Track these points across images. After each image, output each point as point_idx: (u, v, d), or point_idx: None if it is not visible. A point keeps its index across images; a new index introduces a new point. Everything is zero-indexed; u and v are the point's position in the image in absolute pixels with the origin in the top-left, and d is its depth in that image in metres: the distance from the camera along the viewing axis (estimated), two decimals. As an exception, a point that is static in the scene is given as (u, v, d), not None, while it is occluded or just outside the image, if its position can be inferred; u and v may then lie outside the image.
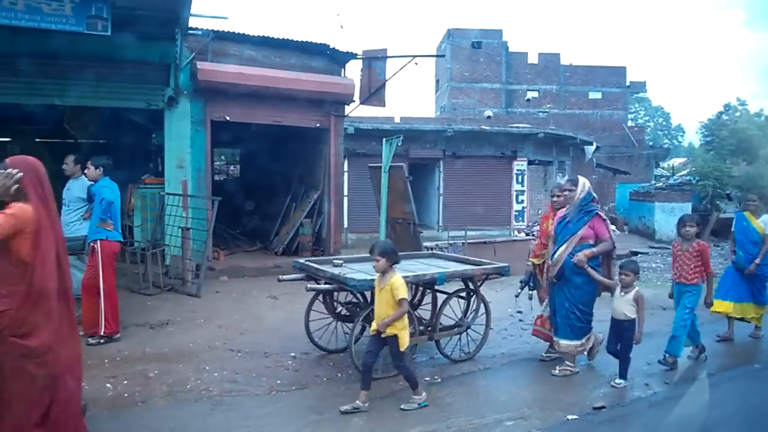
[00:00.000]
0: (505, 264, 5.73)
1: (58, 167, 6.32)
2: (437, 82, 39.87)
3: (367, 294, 5.16)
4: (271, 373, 5.07)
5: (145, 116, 10.70)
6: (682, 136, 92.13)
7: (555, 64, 36.33)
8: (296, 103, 9.77)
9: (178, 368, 5.12)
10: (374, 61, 9.81)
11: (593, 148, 25.80)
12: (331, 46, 10.08)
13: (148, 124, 11.50)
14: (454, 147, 20.29)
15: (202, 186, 9.36)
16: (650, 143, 55.09)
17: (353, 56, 10.37)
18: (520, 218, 20.86)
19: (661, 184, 29.30)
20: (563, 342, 5.15)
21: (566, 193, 5.36)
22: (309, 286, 5.03)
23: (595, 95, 36.34)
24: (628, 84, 36.86)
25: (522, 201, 20.98)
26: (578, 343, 5.14)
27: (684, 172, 34.18)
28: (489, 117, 23.94)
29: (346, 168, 19.62)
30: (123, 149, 12.29)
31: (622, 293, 5.00)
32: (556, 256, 5.15)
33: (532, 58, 36.36)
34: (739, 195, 27.52)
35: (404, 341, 4.21)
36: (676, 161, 56.03)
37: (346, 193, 19.66)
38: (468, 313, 5.65)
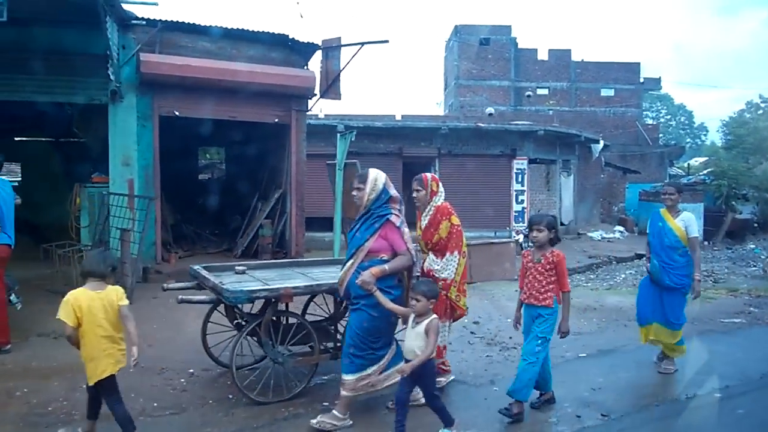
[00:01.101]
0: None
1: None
2: (446, 80, 39.13)
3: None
4: (154, 394, 4.50)
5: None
6: (705, 135, 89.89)
7: (566, 60, 35.30)
8: (252, 97, 9.23)
9: (52, 386, 4.58)
10: (331, 51, 9.23)
11: (600, 146, 24.83)
12: (291, 37, 9.50)
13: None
14: (450, 145, 19.61)
15: (151, 184, 8.87)
16: (672, 142, 53.46)
17: (317, 48, 9.79)
18: (521, 219, 20.07)
19: (679, 182, 28.20)
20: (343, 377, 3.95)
21: (354, 193, 4.22)
22: (180, 297, 4.47)
23: (607, 92, 35.24)
24: (642, 80, 35.68)
25: (522, 201, 20.20)
26: (350, 378, 3.89)
27: (704, 172, 32.90)
28: (491, 114, 23.19)
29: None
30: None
31: (414, 323, 3.73)
32: (341, 272, 4.11)
33: (542, 55, 35.40)
34: (756, 195, 26.39)
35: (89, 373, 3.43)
36: (698, 160, 54.49)
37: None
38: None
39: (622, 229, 24.92)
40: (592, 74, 35.26)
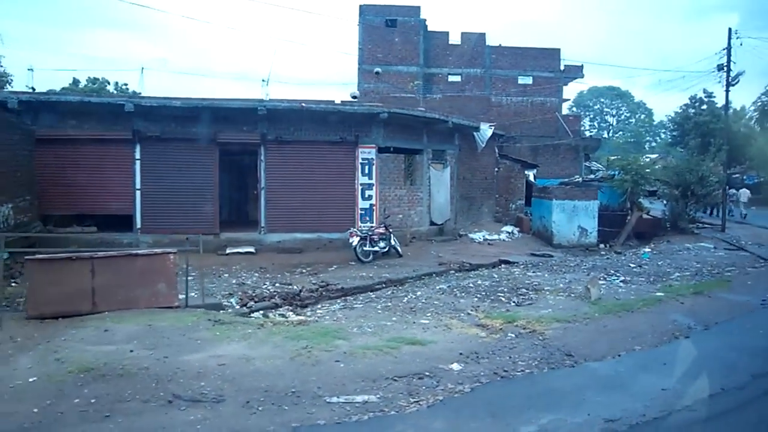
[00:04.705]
0: None
1: None
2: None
3: None
4: None
5: None
6: (664, 133, 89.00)
7: (480, 45, 32.33)
8: None
9: None
10: None
11: (488, 134, 21.85)
12: None
13: None
14: (278, 130, 16.44)
15: None
16: (637, 138, 50.81)
17: None
18: (368, 217, 16.97)
19: (579, 179, 25.38)
20: None
21: None
22: None
23: (525, 80, 32.33)
24: (562, 68, 32.82)
25: (370, 197, 17.08)
26: None
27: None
28: (355, 97, 20.02)
29: (138, 155, 15.86)
30: None
31: None
32: None
33: (454, 38, 32.40)
34: (667, 192, 23.65)
35: None
36: (649, 157, 52.28)
37: (138, 186, 15.88)
38: None
39: (510, 229, 21.97)
40: (508, 60, 32.33)
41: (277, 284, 12.41)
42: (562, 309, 9.01)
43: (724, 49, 24.50)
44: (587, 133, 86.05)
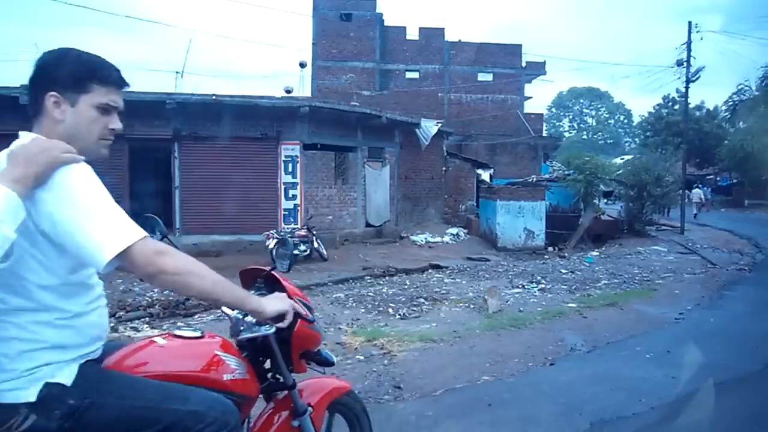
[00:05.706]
0: None
1: None
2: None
3: None
4: None
5: None
6: (644, 134, 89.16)
7: (438, 40, 31.31)
8: None
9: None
10: None
11: (432, 132, 20.77)
12: None
13: None
14: (193, 126, 15.27)
15: None
16: (611, 136, 50.20)
17: None
18: (292, 219, 15.83)
19: (533, 178, 24.41)
20: None
21: None
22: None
23: (485, 77, 31.34)
24: (524, 65, 31.88)
25: (294, 197, 15.94)
26: None
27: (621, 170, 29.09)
28: (289, 92, 18.85)
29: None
30: None
31: None
32: None
33: (412, 33, 31.36)
34: (623, 192, 22.82)
35: None
36: (623, 158, 51.75)
37: (36, 185, 14.61)
38: None
39: (456, 231, 20.92)
40: (468, 56, 31.32)
41: (166, 292, 11.23)
42: (448, 323, 7.96)
43: (683, 44, 23.73)
44: (566, 134, 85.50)
